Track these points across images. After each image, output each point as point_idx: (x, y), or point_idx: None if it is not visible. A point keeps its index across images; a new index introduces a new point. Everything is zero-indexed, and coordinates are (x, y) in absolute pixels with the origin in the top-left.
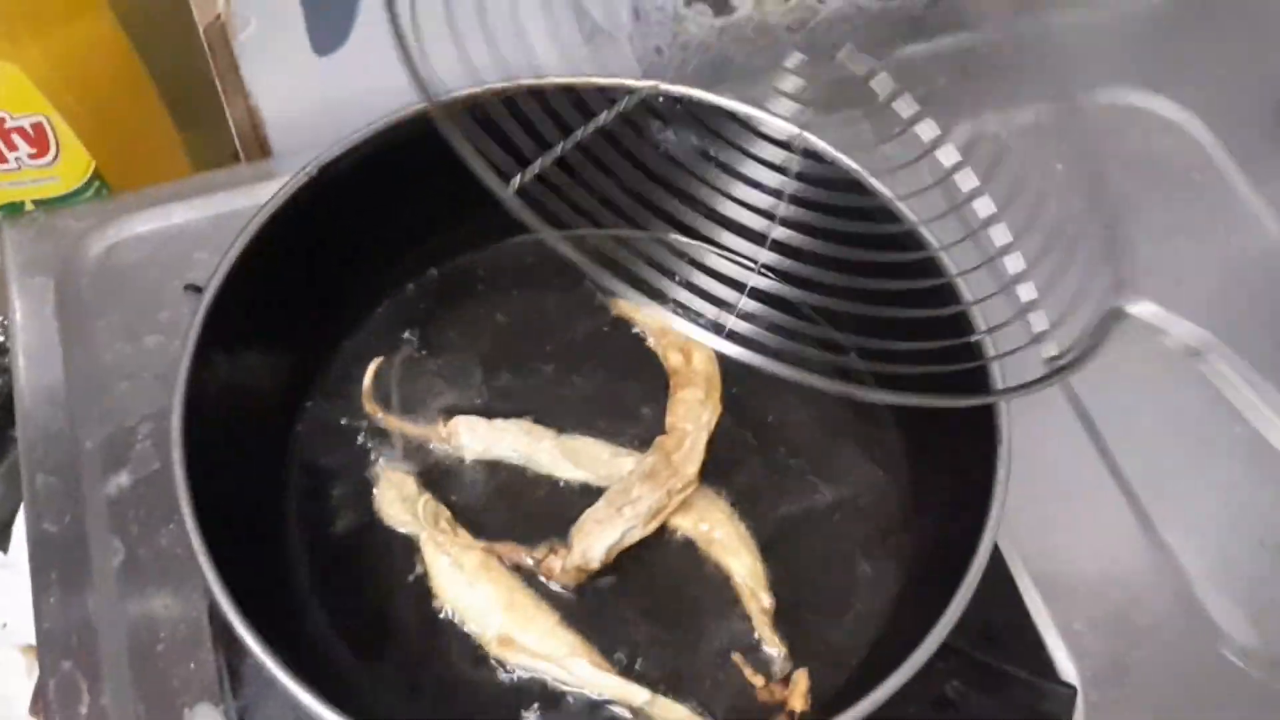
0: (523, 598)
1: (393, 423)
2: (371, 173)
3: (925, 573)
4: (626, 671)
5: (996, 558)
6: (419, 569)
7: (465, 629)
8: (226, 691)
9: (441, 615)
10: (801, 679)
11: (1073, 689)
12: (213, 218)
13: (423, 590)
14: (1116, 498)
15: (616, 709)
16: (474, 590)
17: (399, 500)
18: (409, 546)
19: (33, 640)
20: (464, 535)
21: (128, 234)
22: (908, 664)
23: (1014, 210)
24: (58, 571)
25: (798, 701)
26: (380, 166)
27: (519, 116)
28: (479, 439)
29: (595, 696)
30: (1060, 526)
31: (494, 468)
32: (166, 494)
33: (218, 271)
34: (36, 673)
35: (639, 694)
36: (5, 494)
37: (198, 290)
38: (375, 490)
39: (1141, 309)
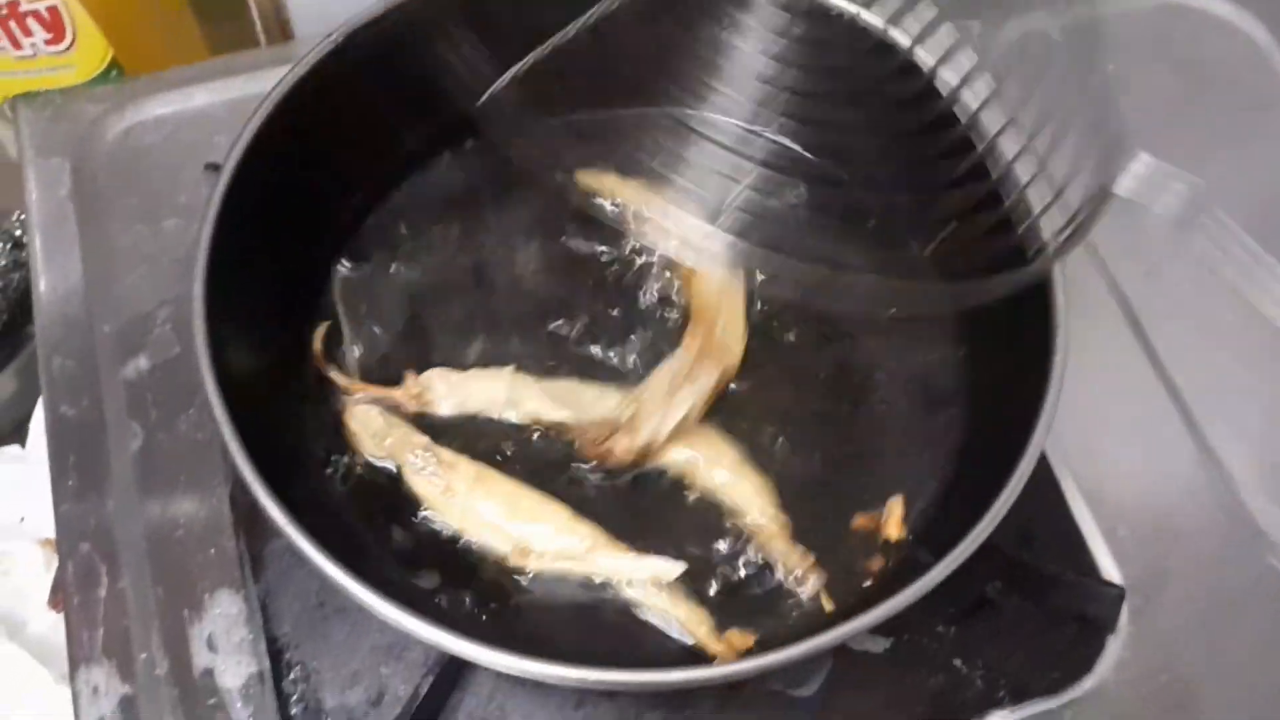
0: (528, 500)
1: (356, 387)
2: (399, 42)
3: (974, 462)
4: None
5: (1042, 463)
6: None
7: (478, 548)
8: (248, 576)
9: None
10: (896, 506)
11: (1120, 589)
12: (233, 101)
13: None
14: (1164, 404)
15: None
16: (474, 508)
17: (369, 438)
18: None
19: (51, 534)
20: (446, 453)
21: (146, 116)
22: (950, 558)
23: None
24: (75, 455)
25: (893, 529)
26: (408, 37)
27: None
28: (454, 392)
29: (629, 586)
30: (1107, 432)
31: None
32: (185, 379)
33: (239, 143)
34: (55, 565)
35: (674, 567)
36: (21, 390)
37: (217, 169)
38: (345, 430)
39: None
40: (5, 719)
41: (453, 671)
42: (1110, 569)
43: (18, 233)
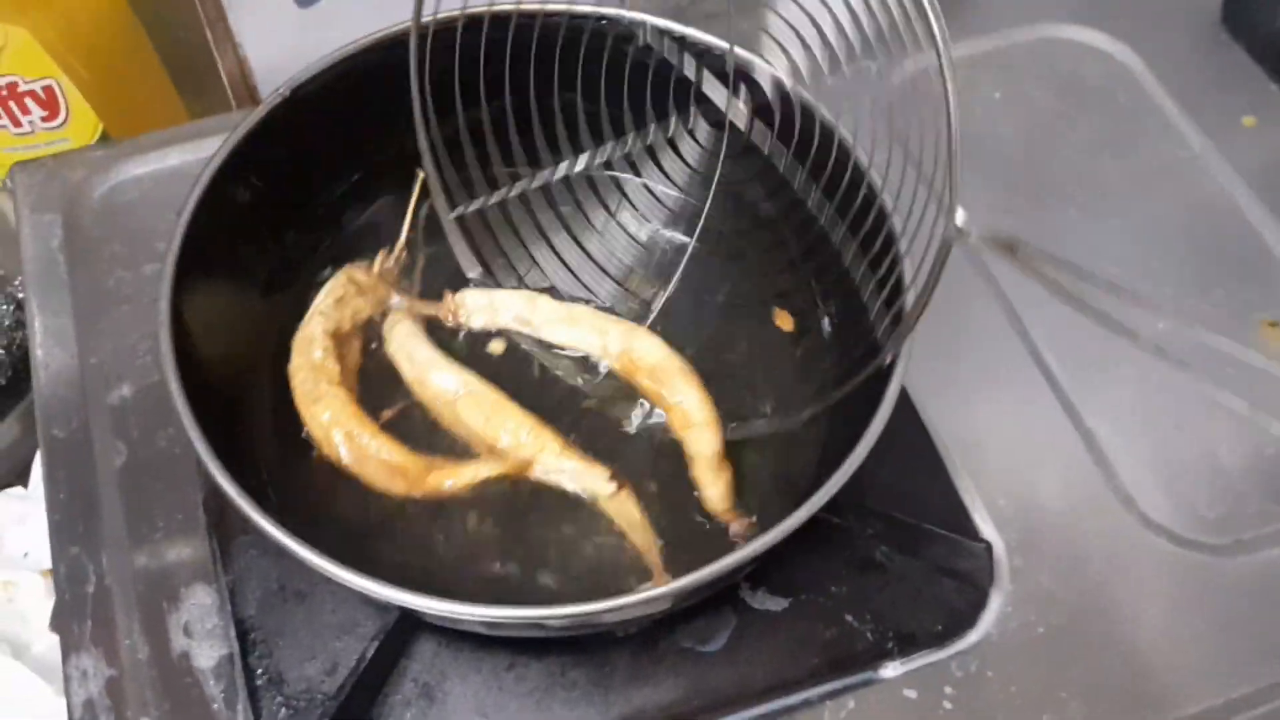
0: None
1: (408, 301)
2: (339, 93)
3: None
4: None
5: (929, 444)
6: None
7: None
8: (219, 570)
9: None
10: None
11: (987, 544)
12: (205, 159)
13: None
14: (1041, 385)
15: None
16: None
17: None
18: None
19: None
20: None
21: (128, 175)
22: (815, 498)
23: None
24: (65, 470)
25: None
26: (347, 88)
27: None
28: (483, 309)
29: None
30: (988, 414)
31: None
32: (163, 402)
33: (194, 189)
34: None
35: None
36: (23, 436)
37: None
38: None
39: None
40: None
41: (397, 639)
42: (992, 534)
43: (20, 295)
